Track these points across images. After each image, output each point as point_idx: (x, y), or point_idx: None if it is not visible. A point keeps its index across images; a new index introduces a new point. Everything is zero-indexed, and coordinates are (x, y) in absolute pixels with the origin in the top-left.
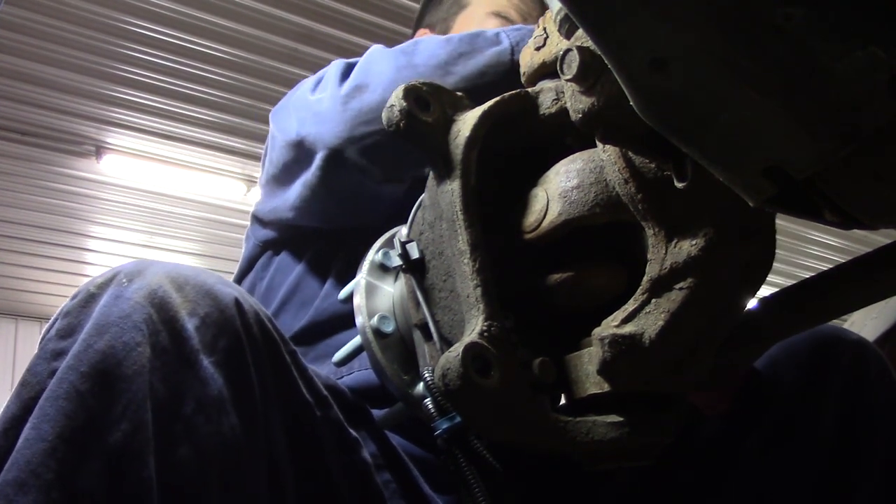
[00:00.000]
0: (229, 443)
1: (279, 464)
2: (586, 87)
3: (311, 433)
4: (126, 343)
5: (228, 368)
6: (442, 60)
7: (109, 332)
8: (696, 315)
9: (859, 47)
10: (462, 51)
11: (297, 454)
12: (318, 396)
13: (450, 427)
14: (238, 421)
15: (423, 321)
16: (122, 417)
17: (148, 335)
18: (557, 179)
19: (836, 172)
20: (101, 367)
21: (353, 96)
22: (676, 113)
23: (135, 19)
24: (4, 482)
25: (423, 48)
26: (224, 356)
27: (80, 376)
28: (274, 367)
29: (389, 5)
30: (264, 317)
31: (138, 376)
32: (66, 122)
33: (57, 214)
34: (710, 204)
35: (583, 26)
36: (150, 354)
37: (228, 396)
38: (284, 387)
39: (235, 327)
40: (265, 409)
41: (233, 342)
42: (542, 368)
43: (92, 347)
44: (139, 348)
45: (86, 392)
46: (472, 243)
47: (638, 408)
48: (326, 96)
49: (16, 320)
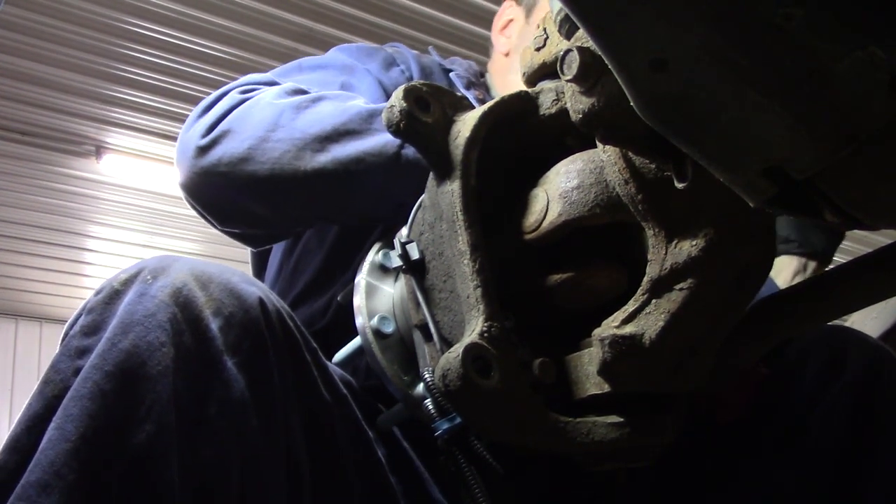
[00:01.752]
0: (250, 444)
1: (297, 462)
2: (586, 88)
3: (330, 432)
4: (150, 343)
5: (251, 370)
6: (325, 133)
7: (134, 330)
8: (697, 315)
9: (859, 47)
10: (352, 128)
11: (315, 452)
12: (336, 395)
13: (450, 427)
14: (259, 423)
15: (423, 322)
16: (147, 418)
17: (172, 335)
18: (557, 180)
19: (836, 172)
20: (126, 366)
21: (214, 143)
22: (676, 113)
23: (135, 19)
24: (28, 483)
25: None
26: (247, 357)
27: (104, 375)
28: (295, 368)
29: (389, 5)
30: (287, 316)
31: (163, 377)
32: (66, 122)
33: (57, 214)
34: (710, 204)
35: (583, 26)
36: (175, 355)
37: (250, 399)
38: (305, 387)
39: (259, 328)
40: (285, 411)
41: (256, 343)
42: (542, 369)
43: (116, 346)
44: (164, 348)
45: (110, 392)
46: (472, 244)
47: (638, 408)
48: (193, 134)
49: (16, 320)
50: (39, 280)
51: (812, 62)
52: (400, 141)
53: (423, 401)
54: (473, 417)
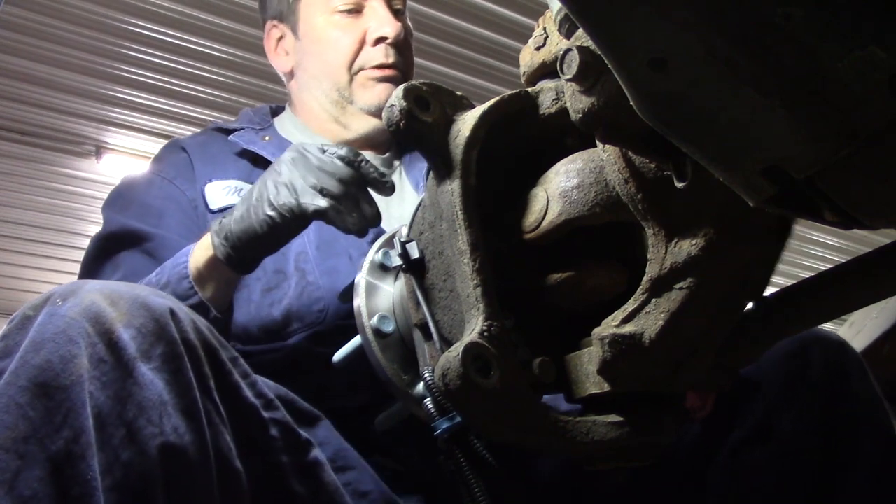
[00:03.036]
0: (173, 443)
1: (229, 463)
2: (586, 87)
3: (260, 434)
4: (63, 356)
5: (167, 373)
6: None
7: (46, 347)
8: (696, 315)
9: (859, 47)
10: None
11: (248, 454)
12: (264, 399)
13: (450, 427)
14: (181, 422)
15: (423, 321)
16: (63, 425)
17: (84, 347)
18: (557, 179)
19: (836, 172)
20: (39, 380)
21: None
22: (676, 113)
23: (135, 19)
24: None
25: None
26: (161, 362)
27: (18, 390)
28: (215, 372)
29: None
30: (202, 325)
31: (76, 385)
32: (66, 122)
33: (57, 214)
34: (710, 204)
35: (583, 26)
36: (88, 364)
37: (169, 399)
38: (228, 391)
39: (172, 335)
40: (208, 411)
41: (170, 350)
42: (542, 368)
43: (29, 363)
44: (76, 360)
45: (25, 404)
46: (472, 243)
47: (638, 408)
48: None
49: None
50: (39, 280)
51: (812, 62)
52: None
53: (423, 400)
54: (473, 416)
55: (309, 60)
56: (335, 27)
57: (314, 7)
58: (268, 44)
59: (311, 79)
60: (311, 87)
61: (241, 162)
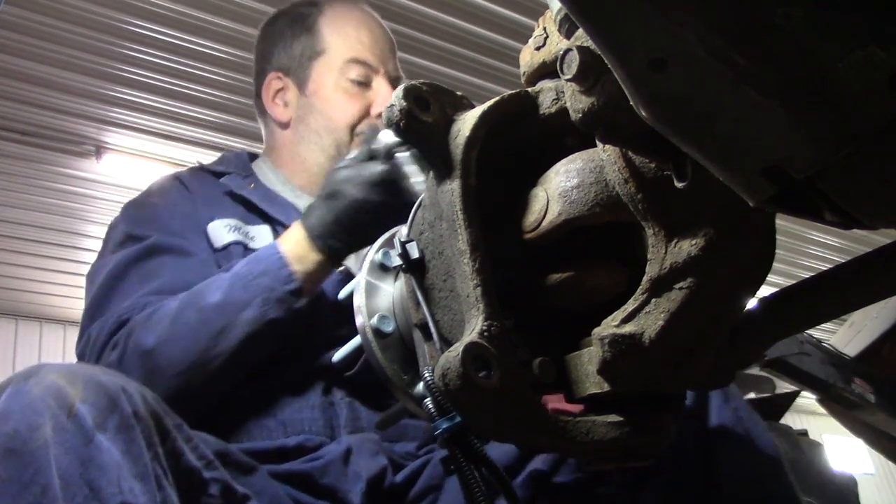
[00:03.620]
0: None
1: None
2: (586, 87)
3: (203, 494)
4: (30, 425)
5: (121, 442)
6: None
7: (14, 418)
8: (696, 315)
9: (859, 47)
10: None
11: None
12: (205, 460)
13: (450, 427)
14: (136, 485)
15: (423, 321)
16: (32, 482)
17: (48, 418)
18: (557, 179)
19: (836, 172)
20: (9, 445)
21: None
22: (676, 113)
23: (135, 19)
24: None
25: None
26: (116, 432)
27: None
28: (162, 439)
29: (389, 5)
30: (150, 397)
31: (42, 449)
32: (66, 122)
33: (57, 214)
34: (710, 204)
35: (583, 26)
36: (51, 432)
37: (124, 465)
38: (173, 456)
39: (123, 409)
40: (158, 476)
41: (122, 421)
42: (542, 368)
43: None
44: (41, 428)
45: None
46: (472, 243)
47: (638, 408)
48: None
49: (16, 320)
50: (39, 280)
51: (812, 62)
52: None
53: (423, 400)
54: (473, 416)
55: (313, 116)
56: (345, 93)
57: (330, 73)
58: (266, 92)
59: (313, 133)
60: (311, 141)
61: (235, 203)
